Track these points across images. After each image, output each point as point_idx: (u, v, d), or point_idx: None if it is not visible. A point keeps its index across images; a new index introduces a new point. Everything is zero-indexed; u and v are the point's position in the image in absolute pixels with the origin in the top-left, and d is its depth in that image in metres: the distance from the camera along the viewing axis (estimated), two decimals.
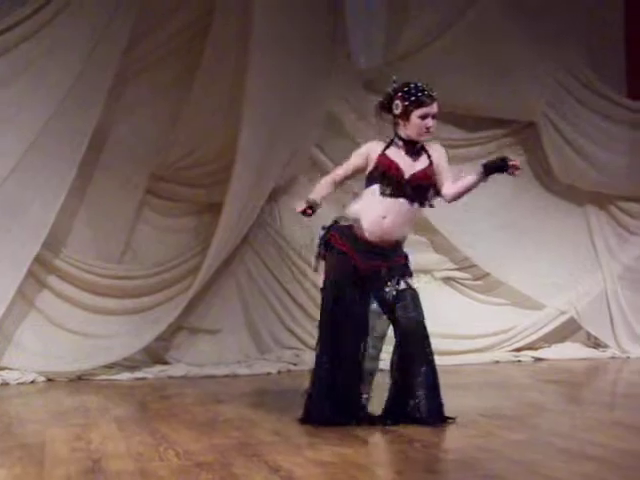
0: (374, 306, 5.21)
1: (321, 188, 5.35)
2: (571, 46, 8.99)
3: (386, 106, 5.25)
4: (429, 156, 5.23)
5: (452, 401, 5.30)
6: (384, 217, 5.11)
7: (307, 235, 8.05)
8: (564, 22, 8.88)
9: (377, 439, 4.66)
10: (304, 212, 5.17)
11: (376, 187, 5.15)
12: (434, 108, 5.18)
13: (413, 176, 5.14)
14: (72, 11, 7.39)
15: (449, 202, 5.36)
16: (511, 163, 5.08)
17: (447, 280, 9.01)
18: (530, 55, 8.77)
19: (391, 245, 5.20)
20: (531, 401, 6.19)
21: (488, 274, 8.98)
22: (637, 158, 9.15)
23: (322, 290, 5.25)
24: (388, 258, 5.19)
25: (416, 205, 5.19)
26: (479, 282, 9.06)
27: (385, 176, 5.13)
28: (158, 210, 8.14)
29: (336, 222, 5.27)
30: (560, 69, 8.98)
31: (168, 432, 4.91)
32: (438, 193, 5.29)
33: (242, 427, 5.05)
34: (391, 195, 5.12)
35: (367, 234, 5.14)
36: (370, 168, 5.20)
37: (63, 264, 7.70)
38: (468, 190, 5.28)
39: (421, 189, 5.18)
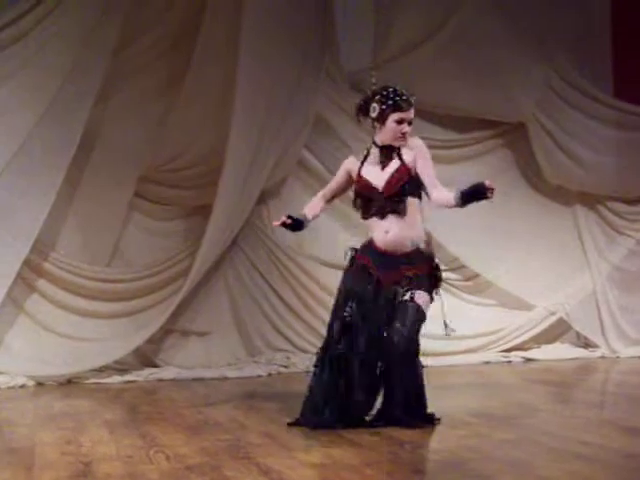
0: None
1: (312, 204, 5.42)
2: (558, 47, 9.03)
3: (364, 108, 5.24)
4: (400, 157, 5.19)
5: (442, 402, 5.31)
6: (387, 232, 5.14)
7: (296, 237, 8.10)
8: (551, 24, 8.92)
9: (367, 441, 4.66)
10: (283, 224, 5.21)
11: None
12: (411, 114, 5.15)
13: (386, 186, 5.15)
14: (59, 15, 7.39)
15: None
16: (487, 186, 5.00)
17: None
18: (518, 57, 8.81)
19: (408, 254, 5.17)
20: (520, 401, 6.20)
21: (478, 275, 9.00)
22: (625, 158, 9.18)
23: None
24: (407, 267, 5.16)
25: (406, 211, 5.16)
26: (469, 283, 9.08)
27: (363, 197, 5.19)
28: (147, 213, 8.14)
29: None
30: (548, 70, 9.01)
31: (158, 435, 4.91)
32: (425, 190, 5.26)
33: (232, 429, 5.06)
34: (373, 215, 5.16)
35: (382, 247, 5.16)
36: (355, 186, 5.28)
37: (52, 267, 7.69)
38: (448, 207, 5.26)
39: (399, 192, 5.15)
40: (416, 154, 5.17)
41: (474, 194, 5.00)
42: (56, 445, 4.67)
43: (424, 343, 8.59)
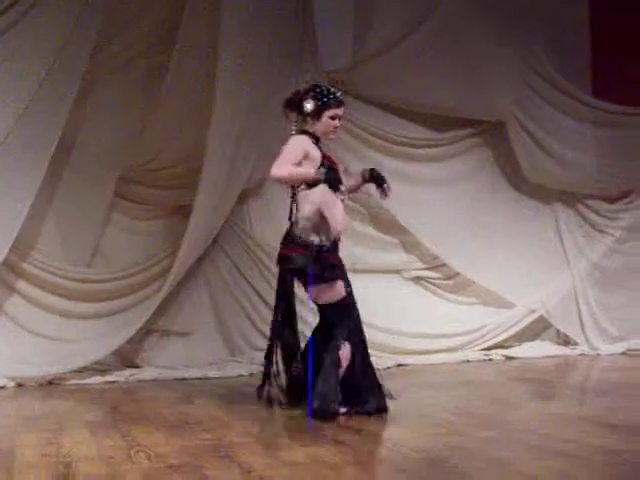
0: None
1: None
2: (537, 46, 9.07)
3: (296, 103, 5.53)
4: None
5: (423, 400, 5.32)
6: (344, 214, 5.40)
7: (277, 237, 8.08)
8: (530, 22, 8.96)
9: (349, 439, 4.67)
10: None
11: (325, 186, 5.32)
12: (342, 110, 5.52)
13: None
14: (36, 14, 7.34)
15: None
16: (387, 185, 5.57)
17: (417, 280, 9.04)
18: (498, 55, 8.84)
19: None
20: (501, 399, 6.22)
21: (458, 273, 9.02)
22: (603, 156, 9.24)
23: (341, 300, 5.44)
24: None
25: None
26: (449, 281, 9.10)
27: (334, 173, 5.38)
28: (127, 213, 8.11)
29: (322, 247, 5.35)
30: (527, 69, 9.04)
31: (139, 435, 4.89)
32: None
33: (213, 429, 5.05)
34: (343, 192, 5.38)
35: (339, 233, 5.38)
36: (316, 165, 5.39)
37: (32, 268, 7.65)
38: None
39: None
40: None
41: (380, 178, 5.66)
42: (37, 446, 4.65)
43: (404, 342, 8.69)
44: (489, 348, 8.89)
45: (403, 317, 8.66)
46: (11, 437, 4.99)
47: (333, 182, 5.26)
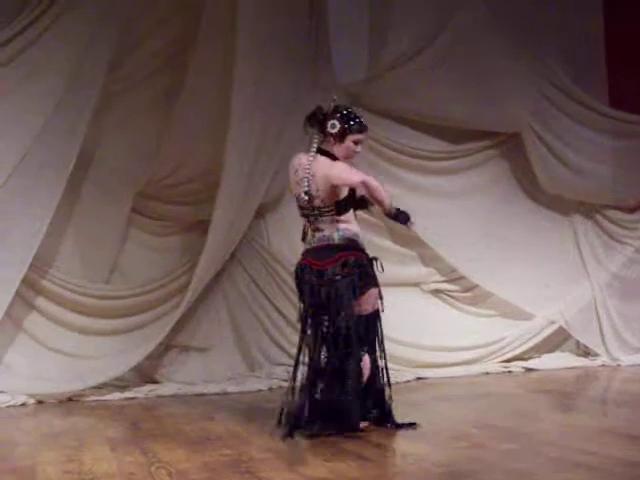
0: None
1: None
2: (553, 57, 9.06)
3: (319, 121, 5.46)
4: None
5: (443, 413, 5.30)
6: None
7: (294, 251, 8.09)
8: (544, 34, 8.96)
9: (370, 453, 4.66)
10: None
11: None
12: (364, 136, 5.51)
13: None
14: (52, 35, 7.38)
15: None
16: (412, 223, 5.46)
17: (436, 292, 9.02)
18: (513, 67, 8.83)
19: None
20: (522, 411, 6.20)
21: (477, 286, 8.99)
22: (620, 167, 9.20)
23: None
24: None
25: None
26: (468, 294, 9.07)
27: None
28: (145, 229, 8.13)
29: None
30: (543, 80, 9.03)
31: (160, 451, 4.90)
32: None
33: (234, 444, 5.05)
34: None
35: None
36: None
37: (51, 285, 7.67)
38: None
39: None
40: None
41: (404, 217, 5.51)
42: (58, 464, 4.66)
43: (424, 355, 8.67)
44: (508, 360, 8.85)
45: (422, 330, 8.64)
46: (32, 454, 5.00)
47: (405, 223, 5.45)
